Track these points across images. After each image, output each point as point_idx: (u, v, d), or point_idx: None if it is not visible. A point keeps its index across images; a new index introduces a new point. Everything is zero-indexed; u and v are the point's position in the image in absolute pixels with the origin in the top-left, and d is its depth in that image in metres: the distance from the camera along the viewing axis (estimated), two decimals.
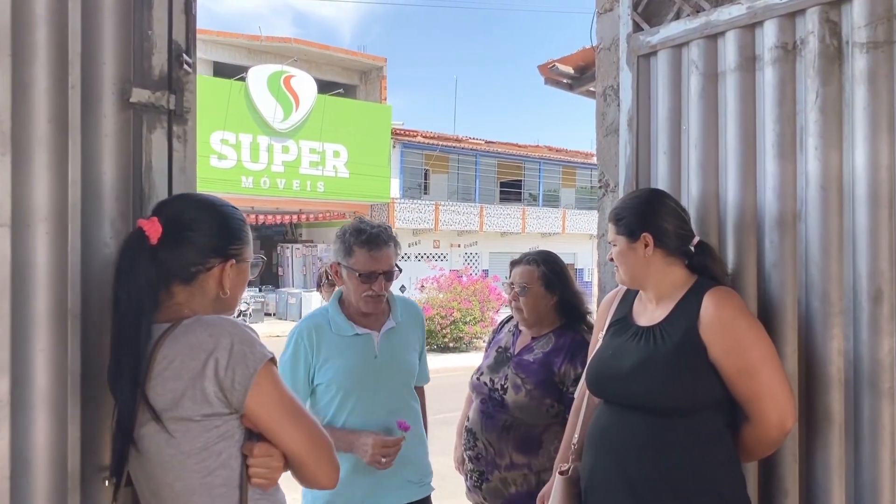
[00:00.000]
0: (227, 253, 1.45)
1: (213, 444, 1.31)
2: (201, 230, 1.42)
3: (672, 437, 1.80)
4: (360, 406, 2.35)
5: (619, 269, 1.97)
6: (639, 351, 1.87)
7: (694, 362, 1.79)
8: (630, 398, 1.87)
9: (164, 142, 1.55)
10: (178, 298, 1.42)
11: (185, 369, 1.30)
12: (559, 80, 3.66)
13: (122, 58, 1.51)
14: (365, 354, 2.39)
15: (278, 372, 1.39)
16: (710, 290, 1.83)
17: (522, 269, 2.65)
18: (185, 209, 1.45)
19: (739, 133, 2.07)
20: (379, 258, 2.33)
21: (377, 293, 2.35)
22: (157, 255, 1.39)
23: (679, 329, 1.83)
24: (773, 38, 1.99)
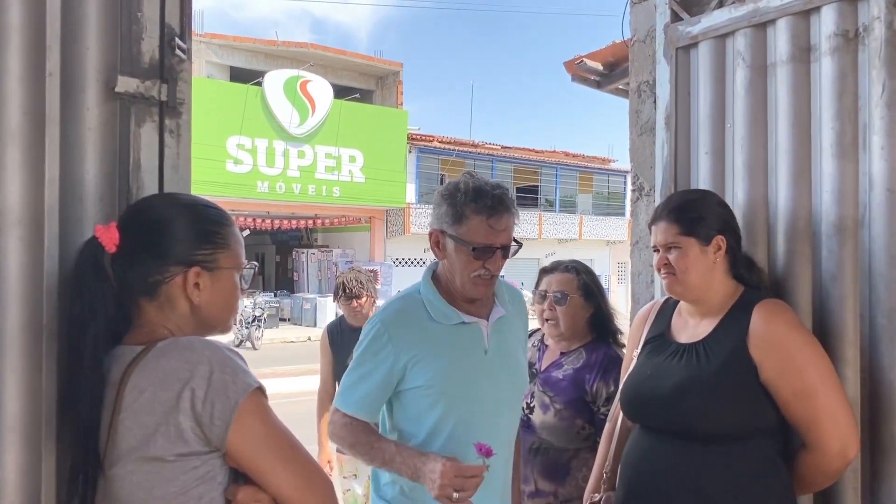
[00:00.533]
0: (191, 259, 1.24)
1: (192, 488, 1.13)
2: (161, 234, 1.23)
3: (718, 468, 1.63)
4: (466, 419, 1.79)
5: (677, 277, 1.75)
6: (680, 371, 1.70)
7: (742, 383, 1.62)
8: (670, 423, 1.70)
9: (154, 137, 1.38)
10: (149, 316, 1.24)
11: (158, 401, 1.12)
12: (587, 77, 3.46)
13: (108, 42, 1.34)
14: (473, 349, 1.85)
15: (267, 402, 1.20)
16: (760, 302, 1.66)
17: (561, 277, 2.45)
18: (145, 210, 1.26)
19: (792, 131, 1.88)
20: (499, 228, 1.78)
21: (492, 273, 1.81)
22: (116, 267, 1.22)
23: (726, 346, 1.65)
24: (831, 25, 1.81)
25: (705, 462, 1.64)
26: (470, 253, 1.77)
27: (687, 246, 1.73)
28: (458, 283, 1.82)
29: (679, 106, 2.15)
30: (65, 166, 1.30)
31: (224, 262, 1.26)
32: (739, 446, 1.63)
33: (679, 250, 1.74)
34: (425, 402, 1.79)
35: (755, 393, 1.62)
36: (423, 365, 1.79)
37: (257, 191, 19.90)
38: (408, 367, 1.79)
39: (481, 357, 1.84)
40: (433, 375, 1.78)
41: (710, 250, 1.72)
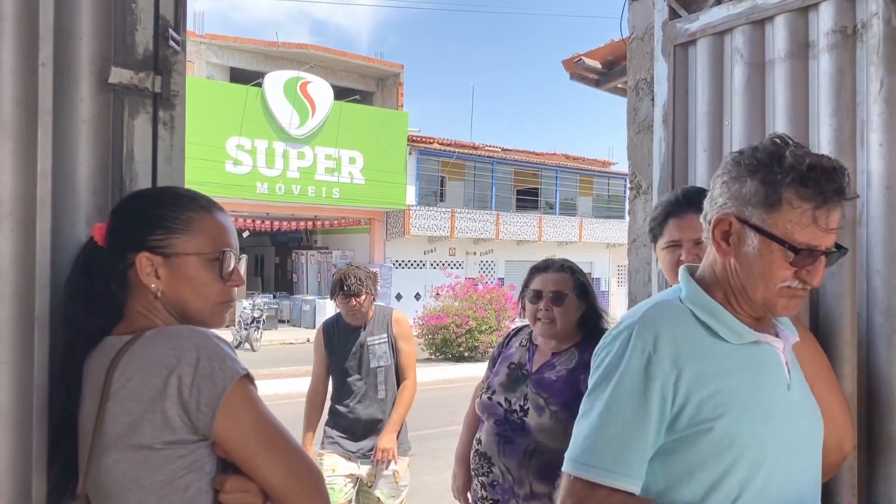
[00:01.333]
0: (144, 244, 1.22)
1: (178, 478, 1.12)
2: (121, 221, 1.24)
3: None
4: (761, 478, 1.24)
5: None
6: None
7: None
8: None
9: (147, 128, 1.38)
10: (132, 306, 1.23)
11: (145, 388, 1.11)
12: (585, 76, 3.46)
13: (102, 33, 1.34)
14: (773, 379, 1.33)
15: (255, 390, 1.18)
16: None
17: (557, 276, 2.44)
18: (121, 202, 1.28)
19: (790, 127, 1.87)
20: (831, 225, 1.26)
21: (808, 286, 1.29)
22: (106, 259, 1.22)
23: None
24: (829, 21, 1.80)
25: None
26: (786, 255, 1.26)
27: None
28: (755, 294, 1.30)
29: (677, 103, 2.14)
30: (57, 158, 1.29)
31: (183, 247, 1.23)
32: None
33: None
34: (706, 450, 1.24)
35: None
36: (709, 398, 1.25)
37: (257, 192, 19.88)
38: (688, 403, 1.24)
39: (783, 393, 1.33)
40: (722, 412, 1.24)
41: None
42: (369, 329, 3.65)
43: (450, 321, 14.53)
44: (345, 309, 3.62)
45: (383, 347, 3.63)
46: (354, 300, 3.55)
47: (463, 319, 14.58)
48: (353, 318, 3.62)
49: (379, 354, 3.61)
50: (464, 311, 14.72)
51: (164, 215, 1.23)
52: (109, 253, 1.22)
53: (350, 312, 3.61)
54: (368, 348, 3.60)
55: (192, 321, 1.24)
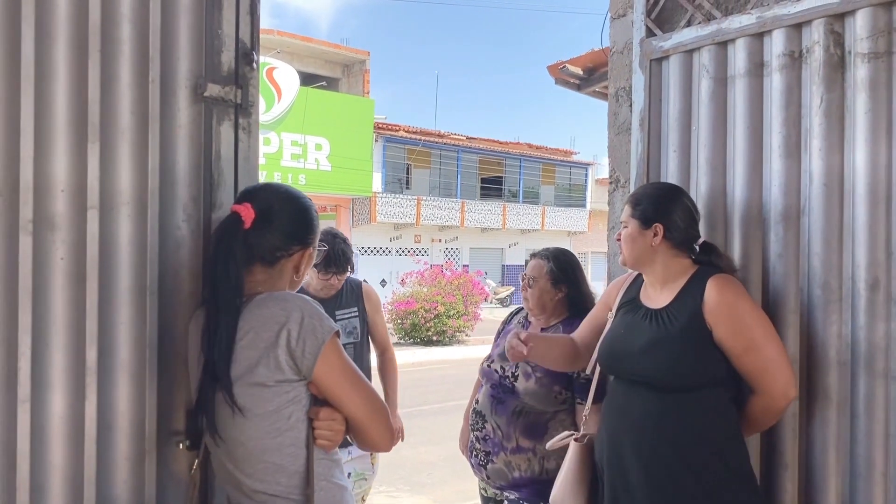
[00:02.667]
0: (307, 241, 1.57)
1: (284, 408, 1.43)
2: (288, 220, 1.54)
3: (680, 411, 1.95)
4: None
5: (623, 252, 2.12)
6: (649, 331, 2.02)
7: (699, 343, 1.94)
8: (640, 375, 2.02)
9: (231, 133, 1.67)
10: (257, 278, 1.53)
11: (261, 339, 1.41)
12: (568, 81, 3.83)
13: (196, 55, 1.62)
14: None
15: (341, 344, 1.50)
16: (713, 276, 1.99)
17: (534, 263, 2.80)
18: (274, 199, 1.55)
19: (747, 134, 2.23)
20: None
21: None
22: (248, 239, 1.50)
23: (685, 313, 1.98)
24: (780, 46, 2.15)
25: (670, 407, 1.95)
26: None
27: (632, 227, 2.08)
28: None
29: (652, 110, 2.48)
30: (162, 157, 1.58)
31: (316, 242, 1.62)
32: (697, 394, 1.94)
33: (627, 229, 2.09)
34: None
35: (710, 350, 1.94)
36: None
37: None
38: None
39: None
40: None
41: (648, 233, 2.05)
42: (337, 302, 3.24)
43: (419, 306, 14.84)
44: (322, 283, 3.20)
45: (354, 322, 3.24)
46: (336, 279, 3.19)
47: (432, 305, 14.90)
48: (326, 291, 3.22)
49: (349, 330, 3.22)
50: (432, 296, 15.03)
51: (315, 218, 1.60)
52: (274, 239, 1.52)
53: (325, 287, 3.21)
54: (337, 322, 3.12)
55: (293, 289, 1.58)
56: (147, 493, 1.56)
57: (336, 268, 3.13)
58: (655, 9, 2.53)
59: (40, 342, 1.42)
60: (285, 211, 1.54)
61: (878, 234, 1.96)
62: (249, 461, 1.44)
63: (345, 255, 3.17)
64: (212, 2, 1.64)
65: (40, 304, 1.42)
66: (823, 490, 2.06)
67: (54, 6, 1.43)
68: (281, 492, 1.43)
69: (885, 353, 1.95)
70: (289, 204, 1.56)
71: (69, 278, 1.46)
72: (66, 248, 1.45)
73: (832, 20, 2.05)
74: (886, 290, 1.95)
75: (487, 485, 2.79)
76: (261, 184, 1.62)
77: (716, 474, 1.90)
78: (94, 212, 1.48)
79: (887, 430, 1.95)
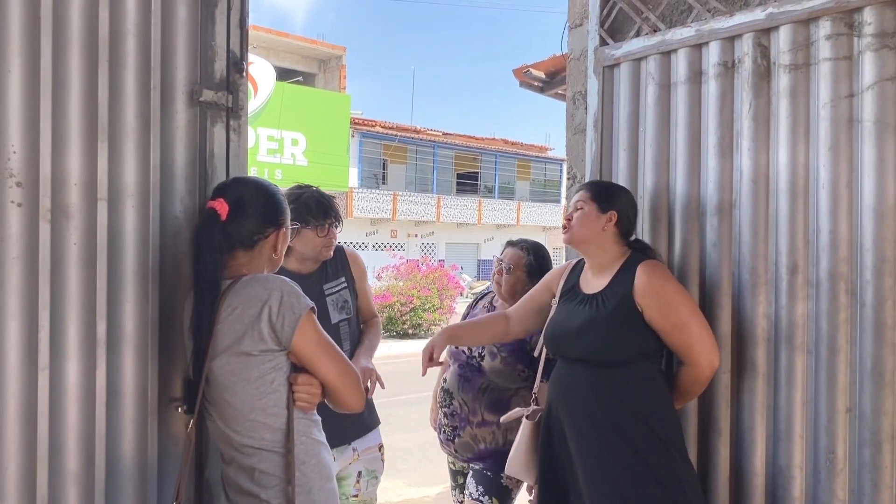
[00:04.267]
0: (278, 222, 1.78)
1: (267, 374, 1.65)
2: (259, 206, 1.75)
3: (612, 383, 2.18)
4: None
5: (573, 229, 2.30)
6: (585, 314, 2.26)
7: (630, 322, 2.18)
8: (579, 353, 2.26)
9: (223, 133, 1.88)
10: (240, 261, 1.74)
11: (246, 315, 1.63)
12: (532, 84, 4.09)
13: (192, 64, 1.83)
14: None
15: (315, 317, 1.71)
16: (642, 263, 2.23)
17: (513, 252, 3.01)
18: (244, 191, 1.76)
19: (687, 135, 2.48)
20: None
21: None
22: (226, 229, 1.71)
23: (617, 295, 2.21)
24: (716, 56, 2.40)
25: (605, 381, 2.19)
26: None
27: (590, 209, 2.29)
28: None
29: (605, 112, 2.73)
30: (163, 154, 1.79)
31: (288, 222, 1.83)
32: (628, 368, 2.18)
33: (582, 211, 2.29)
34: None
35: (639, 329, 2.17)
36: None
37: None
38: None
39: None
40: None
41: (603, 218, 2.27)
42: (323, 275, 2.69)
43: (395, 300, 15.04)
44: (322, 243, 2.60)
45: (344, 294, 2.71)
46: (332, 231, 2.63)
47: (407, 298, 15.10)
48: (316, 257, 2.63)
49: (340, 304, 2.70)
50: (408, 290, 15.23)
51: (283, 201, 1.80)
52: (248, 226, 1.71)
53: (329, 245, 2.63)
54: (327, 299, 2.66)
55: (275, 267, 1.79)
56: (150, 451, 1.78)
57: (334, 213, 2.62)
58: (608, 20, 2.77)
59: (57, 317, 1.62)
60: (255, 199, 1.74)
61: (797, 225, 2.22)
62: (238, 420, 1.66)
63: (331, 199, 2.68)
64: (206, 17, 1.85)
65: (57, 284, 1.62)
66: (751, 452, 2.32)
67: (68, 23, 1.63)
68: (266, 445, 1.65)
69: (803, 330, 2.21)
70: (257, 192, 1.76)
71: (81, 261, 1.66)
72: (78, 234, 1.65)
73: (760, 34, 2.30)
74: (804, 274, 2.21)
75: (455, 458, 3.02)
76: (231, 179, 1.83)
77: (644, 438, 2.13)
78: (103, 203, 1.68)
79: (805, 397, 2.21)
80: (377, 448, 2.76)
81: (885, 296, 2.03)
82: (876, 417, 2.05)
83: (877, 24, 2.05)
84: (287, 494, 1.63)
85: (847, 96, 2.12)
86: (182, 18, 1.81)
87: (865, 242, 2.06)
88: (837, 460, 2.13)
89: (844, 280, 2.11)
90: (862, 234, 2.07)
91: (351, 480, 2.66)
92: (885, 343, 2.03)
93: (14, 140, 1.56)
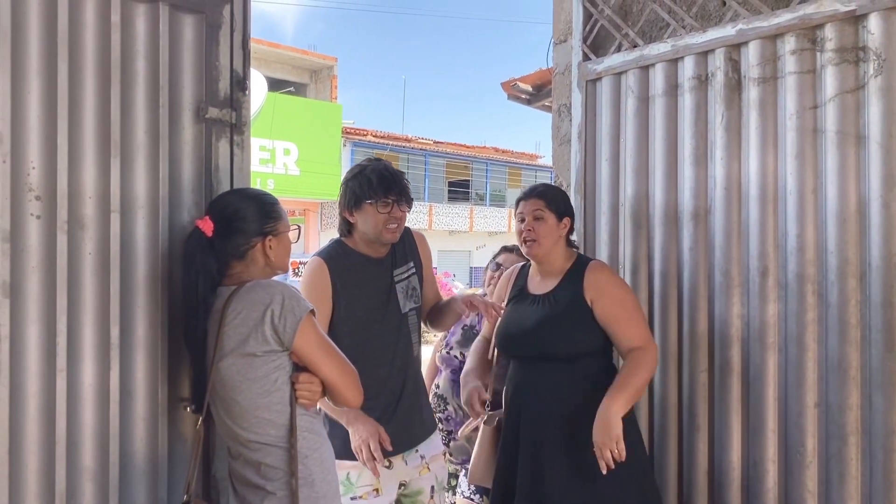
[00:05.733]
0: (264, 231, 1.84)
1: (271, 374, 1.76)
2: (243, 218, 1.82)
3: (571, 378, 2.28)
4: None
5: (538, 241, 2.33)
6: (538, 312, 2.35)
7: (581, 318, 2.28)
8: (533, 349, 2.33)
9: (227, 148, 2.00)
10: (237, 269, 1.84)
11: (250, 318, 1.74)
12: (519, 96, 4.24)
13: (198, 83, 1.95)
14: None
15: (316, 319, 1.81)
16: (590, 264, 2.36)
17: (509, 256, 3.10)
18: (227, 205, 1.85)
19: (665, 145, 2.62)
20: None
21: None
22: (214, 245, 1.80)
23: (568, 293, 2.32)
24: (690, 70, 2.54)
25: (562, 375, 2.27)
26: None
27: (548, 217, 2.34)
28: None
29: (588, 124, 2.86)
30: (171, 168, 1.91)
31: (281, 227, 1.88)
32: (584, 362, 2.28)
33: (542, 220, 2.33)
34: None
35: (589, 324, 2.27)
36: None
37: None
38: None
39: None
40: None
41: (560, 226, 2.36)
42: (393, 258, 2.43)
43: None
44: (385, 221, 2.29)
45: (413, 281, 2.46)
46: (401, 209, 2.32)
47: None
48: (393, 234, 2.33)
49: (409, 291, 2.44)
50: None
51: (270, 209, 1.86)
52: (234, 239, 1.80)
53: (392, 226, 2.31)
54: (396, 286, 2.41)
55: (276, 271, 1.88)
56: (160, 448, 1.89)
57: (397, 188, 2.29)
58: (590, 36, 2.91)
59: (74, 322, 1.73)
60: (236, 213, 1.82)
61: (767, 230, 2.35)
62: (244, 417, 1.77)
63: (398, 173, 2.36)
64: (210, 39, 1.97)
65: (74, 291, 1.73)
66: (727, 447, 2.44)
67: (83, 47, 1.75)
68: (271, 441, 1.77)
69: (774, 329, 2.34)
70: (239, 204, 1.84)
71: (96, 269, 1.77)
72: (93, 244, 1.76)
73: (731, 49, 2.44)
74: (774, 277, 2.34)
75: (449, 461, 3.11)
76: (217, 196, 1.92)
77: None
78: (115, 214, 1.79)
79: (776, 393, 2.34)
80: (442, 455, 2.53)
81: (848, 296, 2.17)
82: (841, 412, 2.18)
83: (837, 39, 2.19)
84: (291, 486, 1.75)
85: (811, 107, 2.26)
86: (188, 40, 1.93)
87: (830, 246, 2.20)
88: (807, 453, 2.26)
89: (811, 282, 2.25)
90: (826, 238, 2.21)
91: (424, 497, 2.40)
92: (848, 341, 2.17)
93: (33, 156, 1.67)
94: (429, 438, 2.43)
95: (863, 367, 2.16)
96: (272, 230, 1.85)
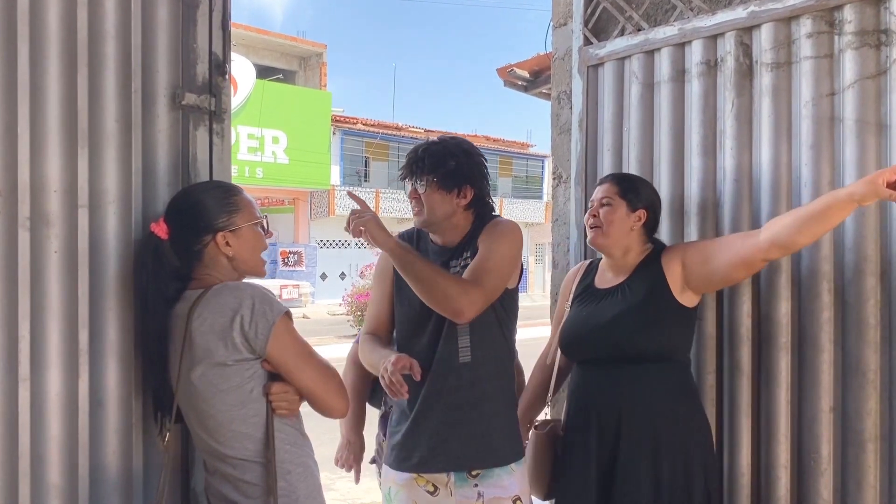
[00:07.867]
0: (215, 227, 1.66)
1: (245, 384, 1.61)
2: (190, 216, 1.67)
3: (645, 381, 2.07)
4: None
5: (602, 229, 2.15)
6: (613, 306, 2.14)
7: (664, 307, 2.09)
8: (608, 348, 2.12)
9: (206, 137, 1.85)
10: (199, 273, 1.68)
11: (217, 324, 1.58)
12: (515, 83, 4.08)
13: (173, 67, 1.80)
14: None
15: (292, 322, 1.66)
16: (664, 250, 2.18)
17: None
18: (177, 202, 1.71)
19: (671, 134, 2.48)
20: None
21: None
22: (171, 247, 1.66)
23: (646, 282, 2.11)
24: (699, 55, 2.41)
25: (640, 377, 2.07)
26: None
27: (617, 205, 2.15)
28: None
29: (589, 112, 2.72)
30: (144, 158, 1.76)
31: (241, 220, 1.69)
32: (664, 365, 2.08)
33: (610, 207, 2.15)
34: None
35: (673, 314, 2.08)
36: None
37: None
38: None
39: None
40: None
41: (633, 217, 2.15)
42: (459, 249, 2.15)
43: None
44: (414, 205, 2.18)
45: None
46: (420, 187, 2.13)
47: None
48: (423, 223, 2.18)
49: None
50: None
51: (219, 205, 1.67)
52: (185, 239, 1.65)
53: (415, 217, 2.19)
54: None
55: (247, 272, 1.72)
56: (134, 461, 1.75)
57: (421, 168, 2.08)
58: (592, 19, 2.77)
59: (38, 326, 1.59)
60: (185, 210, 1.67)
61: None
62: (220, 430, 1.63)
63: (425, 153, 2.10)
64: (187, 18, 1.82)
65: (37, 293, 1.59)
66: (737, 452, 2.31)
67: (46, 26, 1.60)
68: (249, 456, 1.63)
69: (786, 329, 2.22)
70: (186, 202, 1.69)
71: (62, 269, 1.63)
72: (59, 242, 1.62)
73: (742, 33, 2.31)
74: (787, 273, 2.22)
75: None
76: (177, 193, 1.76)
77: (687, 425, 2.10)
78: (83, 210, 1.65)
79: (789, 397, 2.22)
80: (511, 502, 2.01)
81: (866, 295, 2.05)
82: (859, 417, 2.07)
83: (857, 21, 2.06)
84: None
85: (828, 94, 2.13)
86: (163, 20, 1.78)
87: (847, 241, 2.08)
88: (822, 460, 2.15)
89: (827, 279, 2.13)
90: (844, 232, 2.09)
91: None
92: (867, 342, 2.05)
93: None
94: (494, 472, 2.01)
95: (882, 369, 2.04)
96: (225, 225, 1.67)
